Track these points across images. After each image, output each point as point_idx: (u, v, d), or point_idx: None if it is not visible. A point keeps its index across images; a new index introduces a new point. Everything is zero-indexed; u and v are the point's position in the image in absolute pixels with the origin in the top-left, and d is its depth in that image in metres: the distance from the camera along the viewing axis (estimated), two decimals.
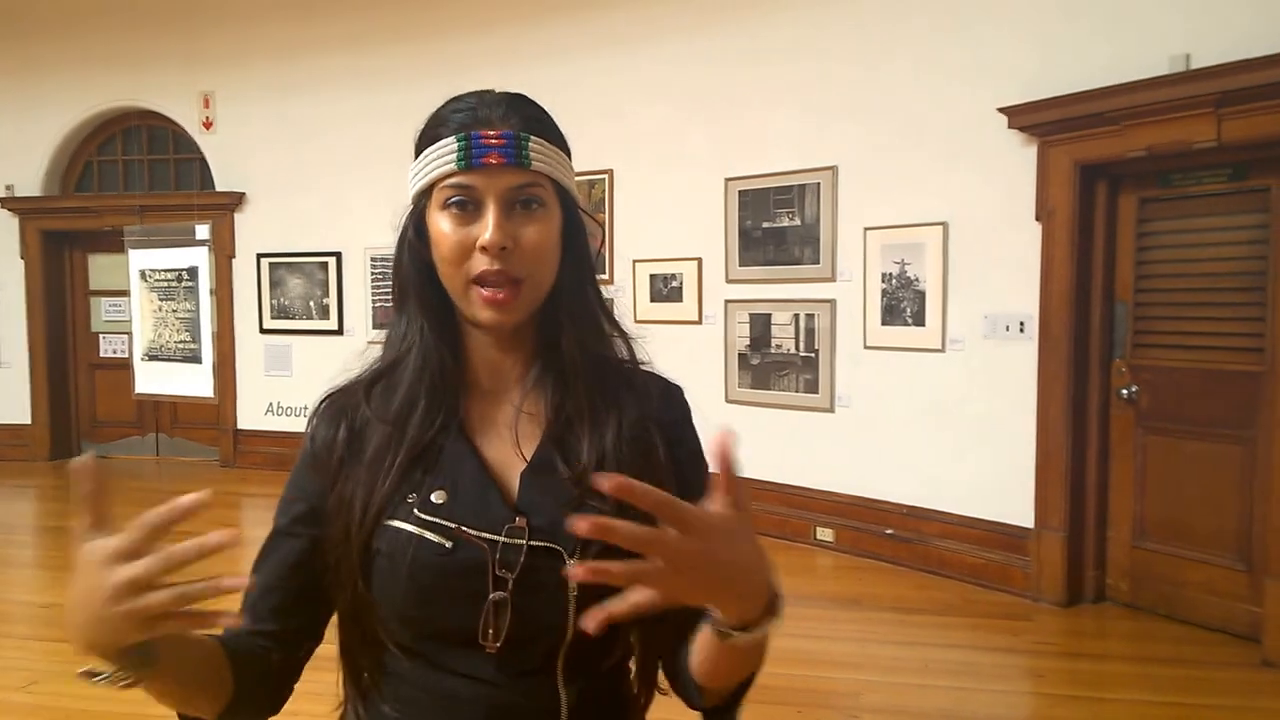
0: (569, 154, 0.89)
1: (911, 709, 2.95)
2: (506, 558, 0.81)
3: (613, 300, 1.03)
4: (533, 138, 0.83)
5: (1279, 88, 3.10)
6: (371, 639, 0.87)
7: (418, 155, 0.87)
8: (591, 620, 0.61)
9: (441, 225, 0.84)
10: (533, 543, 0.82)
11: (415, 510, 0.83)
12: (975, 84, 4.00)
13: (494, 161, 0.81)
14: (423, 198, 0.87)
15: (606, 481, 0.60)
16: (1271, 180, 3.29)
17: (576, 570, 0.62)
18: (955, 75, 4.09)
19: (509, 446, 0.87)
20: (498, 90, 0.87)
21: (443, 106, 0.87)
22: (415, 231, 0.87)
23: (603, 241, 1.15)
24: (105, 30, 6.55)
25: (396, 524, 0.82)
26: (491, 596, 0.81)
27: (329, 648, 0.93)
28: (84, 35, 6.60)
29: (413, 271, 0.88)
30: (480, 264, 0.82)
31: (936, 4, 4.16)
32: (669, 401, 0.94)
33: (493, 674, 0.83)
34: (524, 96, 0.88)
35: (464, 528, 0.82)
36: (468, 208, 0.83)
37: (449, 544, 0.81)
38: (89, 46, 6.61)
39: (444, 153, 0.83)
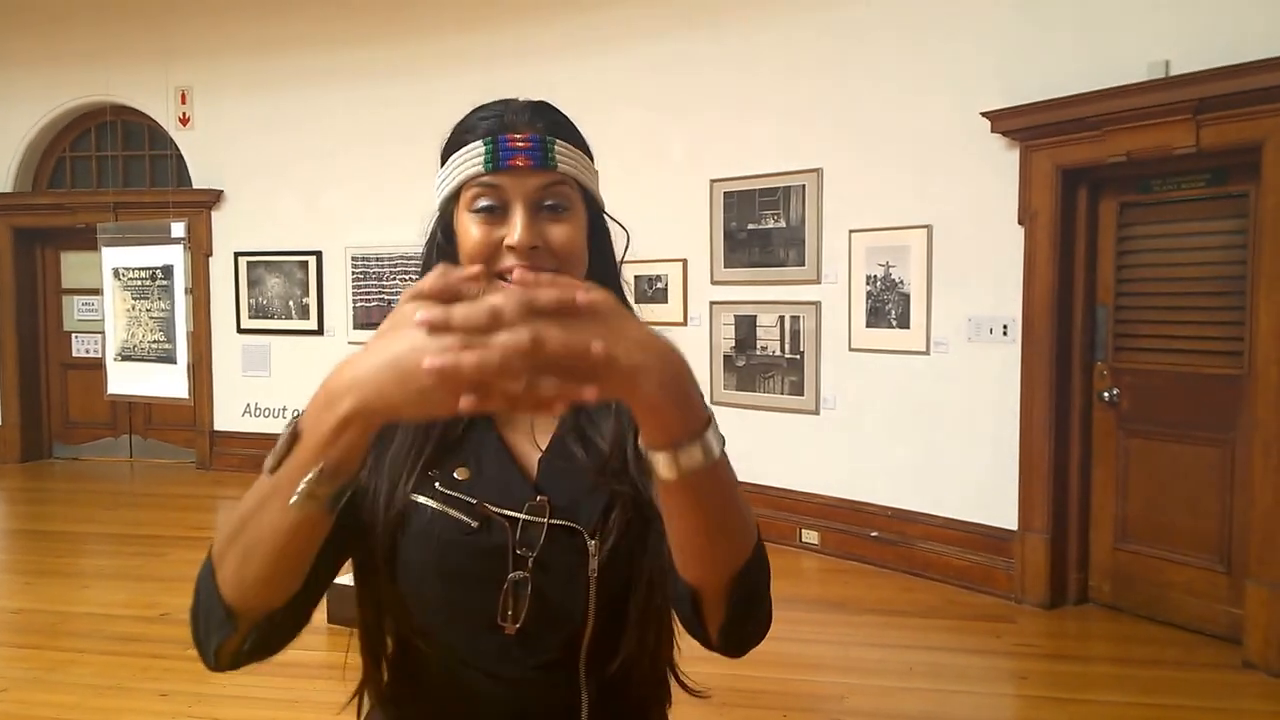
0: (592, 158, 0.91)
1: (895, 712, 2.95)
2: (527, 536, 0.82)
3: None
4: (558, 140, 0.85)
5: (1257, 94, 3.14)
6: (392, 629, 0.87)
7: (444, 163, 0.88)
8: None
9: (469, 227, 0.84)
10: (553, 521, 0.82)
11: (437, 485, 0.84)
12: (959, 88, 4.02)
13: (520, 164, 0.82)
14: (450, 202, 0.87)
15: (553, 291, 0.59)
16: (1249, 186, 3.32)
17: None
18: (939, 79, 4.10)
19: (527, 435, 0.89)
20: (522, 99, 0.89)
21: (468, 115, 0.88)
22: (443, 235, 0.88)
23: (628, 245, 1.12)
24: (79, 23, 6.44)
25: (419, 499, 0.83)
26: (511, 575, 0.81)
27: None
28: (57, 28, 6.48)
29: None
30: (508, 262, 0.82)
31: (921, 7, 4.18)
32: None
33: (513, 664, 0.83)
34: (548, 104, 0.88)
35: (486, 504, 0.82)
36: (495, 211, 0.83)
37: (474, 524, 0.82)
38: (62, 40, 6.49)
39: (471, 156, 0.84)
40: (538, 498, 0.83)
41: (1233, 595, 3.38)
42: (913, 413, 4.25)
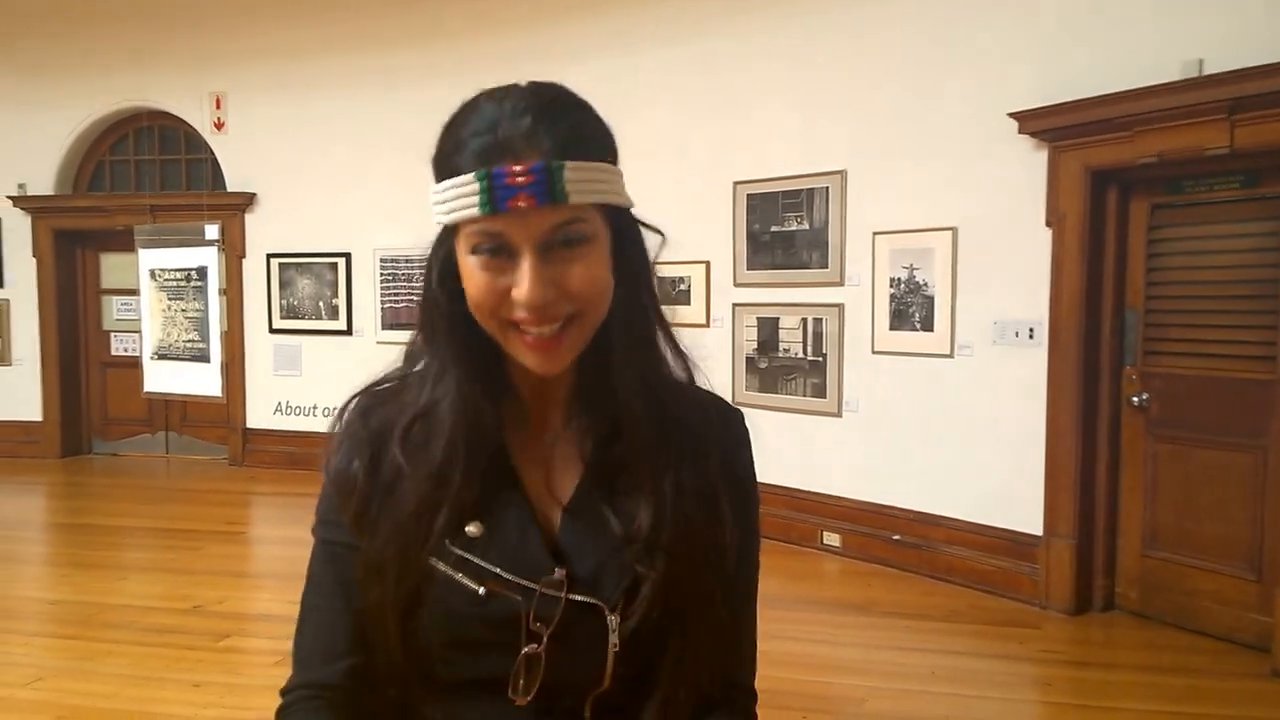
0: (615, 153, 0.77)
1: (917, 715, 2.93)
2: (542, 610, 0.75)
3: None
4: (568, 164, 0.70)
5: None
6: (402, 685, 0.83)
7: (437, 178, 0.75)
8: None
9: (472, 272, 0.74)
10: (571, 596, 0.75)
11: (447, 542, 0.77)
12: (986, 88, 3.98)
13: (523, 204, 0.69)
14: (449, 232, 0.76)
15: None
16: None
17: None
18: (965, 79, 4.07)
19: (549, 486, 0.81)
20: (522, 89, 0.75)
21: (458, 121, 0.75)
22: (441, 273, 0.78)
23: (663, 245, 1.01)
24: (117, 30, 6.58)
25: (430, 562, 0.77)
26: (524, 650, 0.75)
27: None
28: (96, 35, 6.63)
29: (444, 311, 0.79)
30: (519, 313, 0.73)
31: (947, 7, 4.15)
32: (729, 432, 0.87)
33: (519, 719, 0.78)
34: (554, 101, 0.74)
35: (499, 571, 0.76)
36: (500, 254, 0.72)
37: (481, 590, 0.75)
38: (101, 47, 6.65)
39: (465, 193, 0.71)
40: (556, 571, 0.76)
41: (1263, 604, 3.32)
42: (936, 416, 4.22)
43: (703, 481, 0.80)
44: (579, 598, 0.75)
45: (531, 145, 0.70)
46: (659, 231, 0.82)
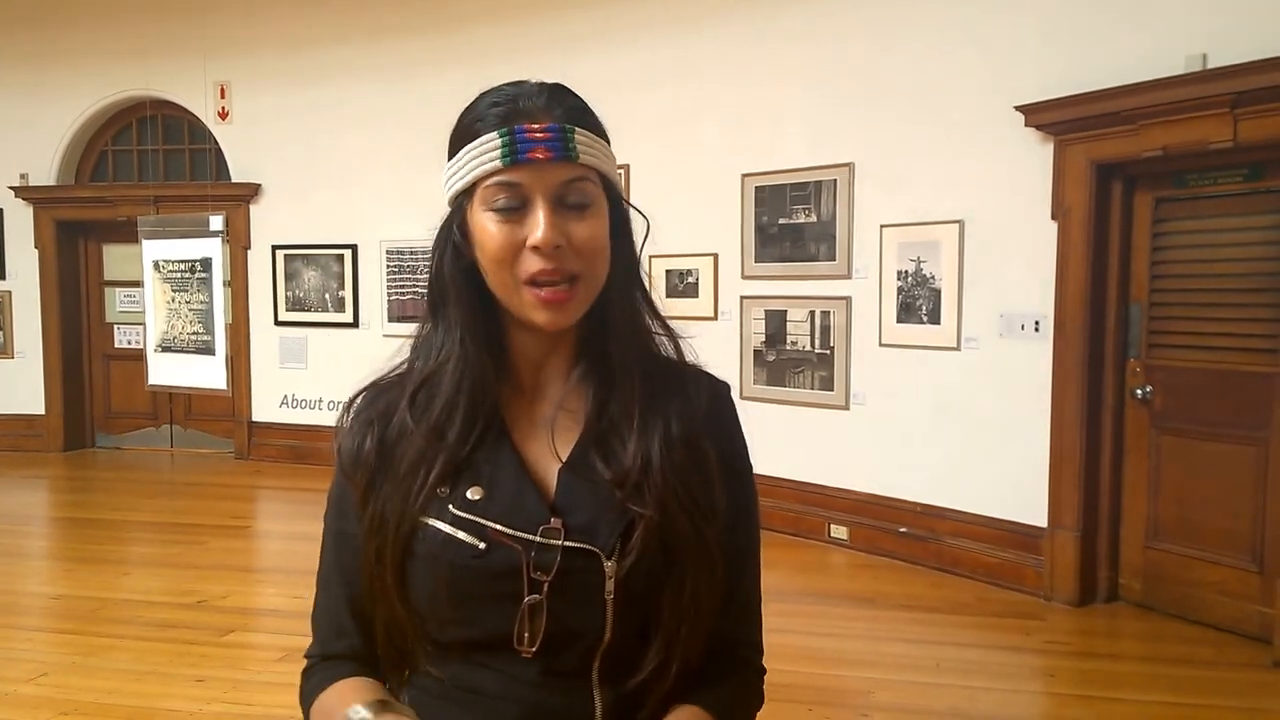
0: (609, 144, 0.86)
1: (923, 707, 2.95)
2: (541, 559, 0.79)
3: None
4: (578, 129, 0.79)
5: None
6: (409, 646, 0.86)
7: (453, 154, 0.82)
8: None
9: (487, 226, 0.80)
10: (568, 544, 0.79)
11: (450, 506, 0.81)
12: (992, 82, 3.98)
13: (540, 156, 0.77)
14: (462, 198, 0.82)
15: None
16: None
17: None
18: (972, 73, 4.07)
19: (547, 445, 0.85)
20: (534, 81, 0.84)
21: (478, 100, 0.83)
22: (457, 234, 0.83)
23: (648, 235, 1.08)
24: (120, 19, 6.57)
25: (430, 522, 0.81)
26: (526, 599, 0.79)
27: None
28: (99, 24, 6.61)
29: (454, 276, 0.84)
30: (532, 264, 0.79)
31: (953, 2, 4.14)
32: (717, 402, 0.91)
33: (528, 676, 0.81)
34: (562, 86, 0.84)
35: (498, 526, 0.80)
36: (515, 207, 0.79)
37: (481, 545, 0.79)
38: (104, 35, 6.63)
39: (486, 149, 0.78)
40: (552, 520, 0.80)
41: (1265, 595, 3.34)
42: (943, 409, 4.23)
43: (690, 434, 0.85)
44: (575, 544, 0.79)
45: (547, 112, 0.80)
46: (645, 216, 0.90)
